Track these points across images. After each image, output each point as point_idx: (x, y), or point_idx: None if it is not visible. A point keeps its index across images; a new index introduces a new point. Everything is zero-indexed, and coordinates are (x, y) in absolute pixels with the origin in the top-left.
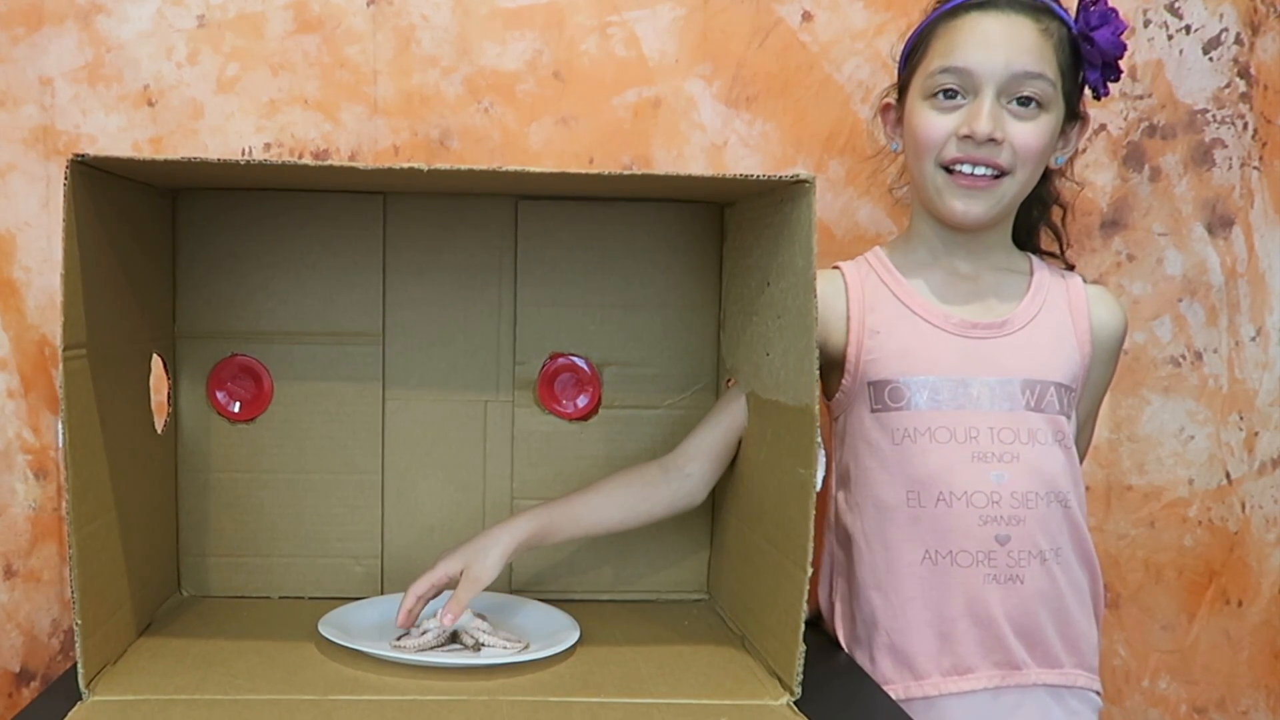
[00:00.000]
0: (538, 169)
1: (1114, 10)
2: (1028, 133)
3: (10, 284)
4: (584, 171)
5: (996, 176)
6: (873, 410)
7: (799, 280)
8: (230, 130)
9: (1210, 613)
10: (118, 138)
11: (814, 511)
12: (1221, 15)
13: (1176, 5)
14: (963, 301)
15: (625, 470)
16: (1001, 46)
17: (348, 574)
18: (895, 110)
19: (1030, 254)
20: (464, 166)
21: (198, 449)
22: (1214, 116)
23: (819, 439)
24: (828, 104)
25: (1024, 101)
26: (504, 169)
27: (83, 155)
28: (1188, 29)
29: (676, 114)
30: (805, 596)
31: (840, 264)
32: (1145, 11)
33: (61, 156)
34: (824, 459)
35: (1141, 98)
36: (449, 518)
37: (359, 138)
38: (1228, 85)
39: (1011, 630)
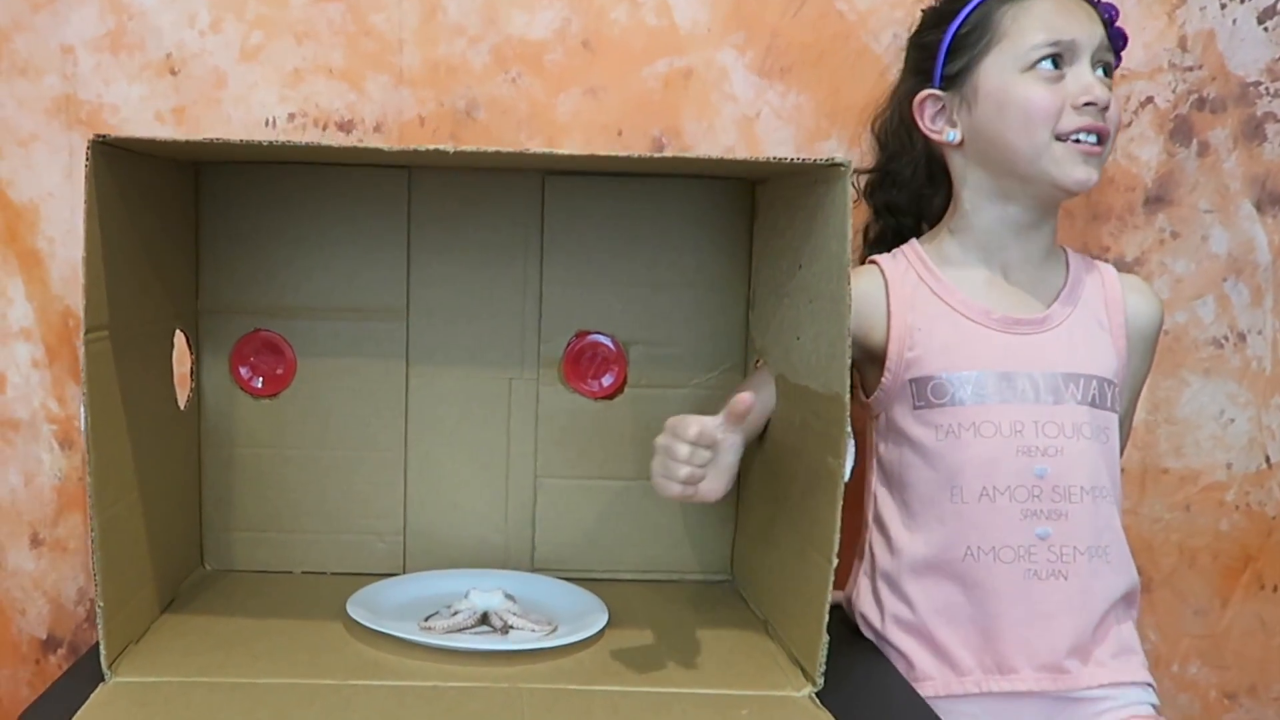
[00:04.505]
0: (564, 151)
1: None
2: (1113, 99)
3: (34, 254)
4: (611, 154)
5: (1098, 143)
6: (915, 407)
7: (832, 265)
8: (254, 100)
9: (1245, 598)
10: (140, 107)
11: (841, 502)
12: None
13: None
14: (1002, 298)
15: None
16: (1086, 18)
17: (370, 550)
18: (943, 99)
19: (1065, 248)
20: (489, 148)
21: (221, 425)
22: (1267, 89)
23: (849, 429)
24: (864, 75)
25: (1107, 70)
26: (530, 151)
27: (104, 136)
28: None
29: (708, 85)
30: (830, 587)
31: (877, 258)
32: None
33: (84, 127)
34: (853, 449)
35: (1191, 69)
36: (472, 495)
37: (384, 108)
38: None
39: (1052, 629)
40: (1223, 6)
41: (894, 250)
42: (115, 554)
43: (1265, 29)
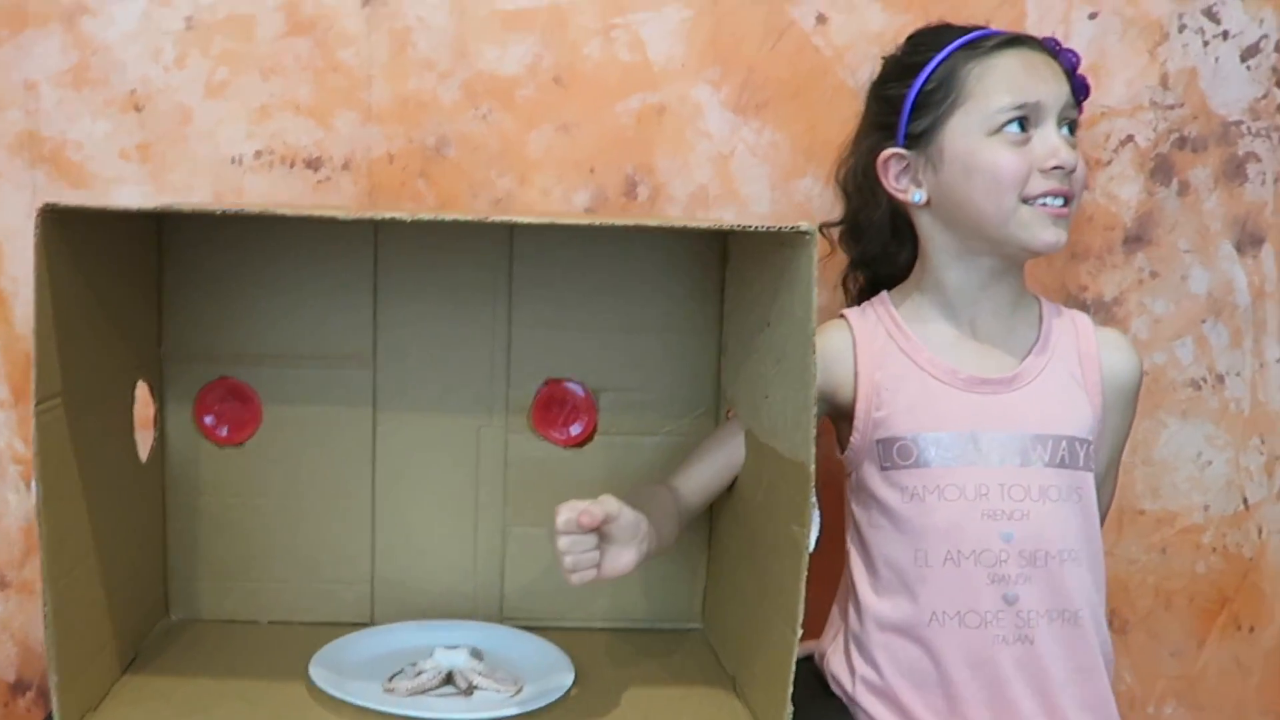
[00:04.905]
0: (526, 219)
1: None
2: (1079, 159)
3: None
4: (576, 222)
5: (1064, 204)
6: (882, 468)
7: (798, 331)
8: (220, 136)
9: (1221, 639)
10: (104, 144)
11: (805, 573)
12: (1262, 20)
13: (1214, 9)
14: (971, 356)
15: (646, 487)
16: (1051, 78)
17: (338, 599)
18: (907, 158)
19: (1038, 296)
20: (449, 216)
21: (185, 473)
22: (1249, 129)
23: (814, 498)
24: (841, 111)
25: (1072, 127)
26: (493, 219)
27: (53, 205)
28: (1225, 35)
29: (682, 121)
30: (794, 657)
31: (846, 312)
32: (1180, 16)
33: (47, 164)
34: (818, 519)
35: (1173, 108)
36: (440, 544)
37: (352, 144)
38: (1265, 96)
39: (1022, 693)
40: (1205, 44)
41: (864, 304)
42: (70, 625)
43: (1248, 67)
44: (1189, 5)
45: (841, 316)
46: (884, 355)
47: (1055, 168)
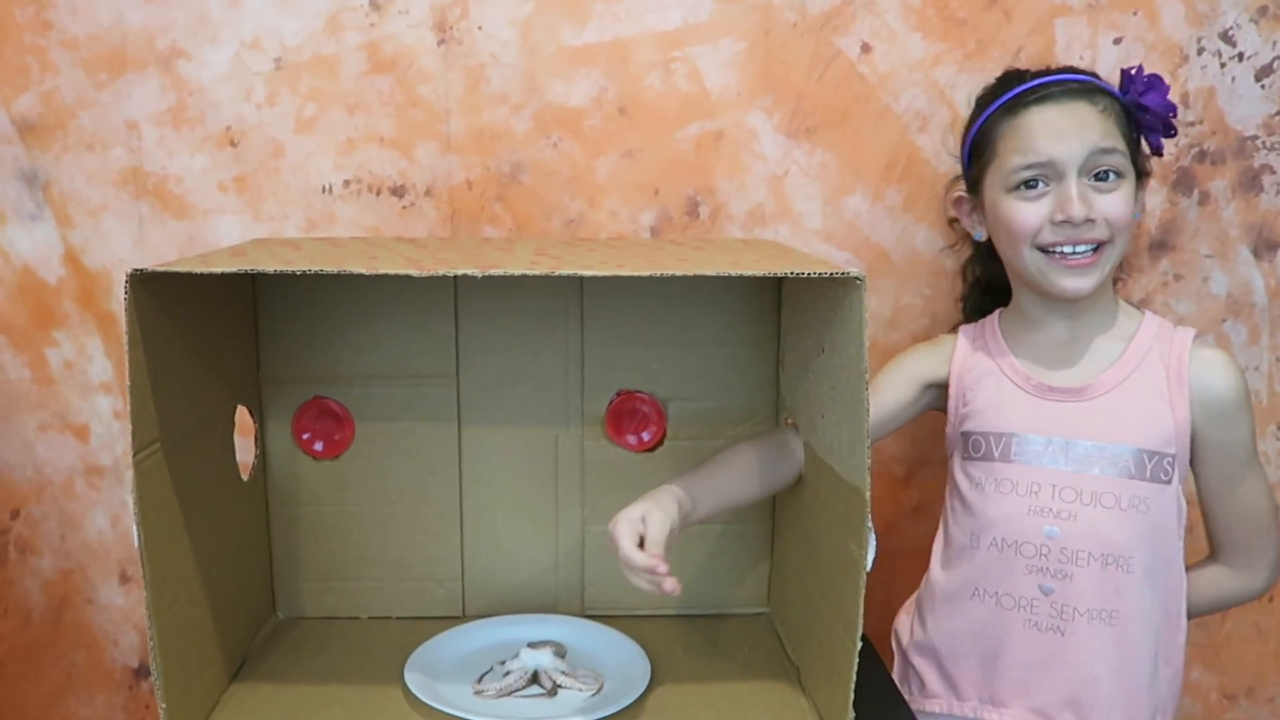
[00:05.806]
0: (589, 272)
1: (1156, 75)
2: (1115, 203)
3: (109, 316)
4: (637, 274)
5: (1096, 250)
6: (964, 458)
7: (851, 365)
8: (310, 168)
9: (1242, 609)
10: (202, 178)
11: (864, 589)
12: (1275, 43)
13: (1230, 33)
14: (1050, 365)
15: (728, 452)
16: (1072, 133)
17: (431, 596)
18: (969, 201)
19: (1143, 311)
20: (516, 272)
21: (286, 485)
22: (1263, 143)
23: (870, 523)
24: (886, 133)
25: (1104, 176)
26: (558, 273)
27: (141, 270)
28: (1240, 56)
29: (738, 145)
30: (855, 665)
31: (963, 327)
32: (1199, 39)
33: (151, 196)
34: (874, 542)
35: (1193, 124)
36: (524, 542)
37: (433, 173)
38: (1278, 112)
39: (1047, 679)
40: (1222, 65)
41: (983, 320)
42: (176, 651)
43: (1262, 86)
44: (1206, 29)
45: (955, 329)
46: (974, 358)
47: (1063, 221)
